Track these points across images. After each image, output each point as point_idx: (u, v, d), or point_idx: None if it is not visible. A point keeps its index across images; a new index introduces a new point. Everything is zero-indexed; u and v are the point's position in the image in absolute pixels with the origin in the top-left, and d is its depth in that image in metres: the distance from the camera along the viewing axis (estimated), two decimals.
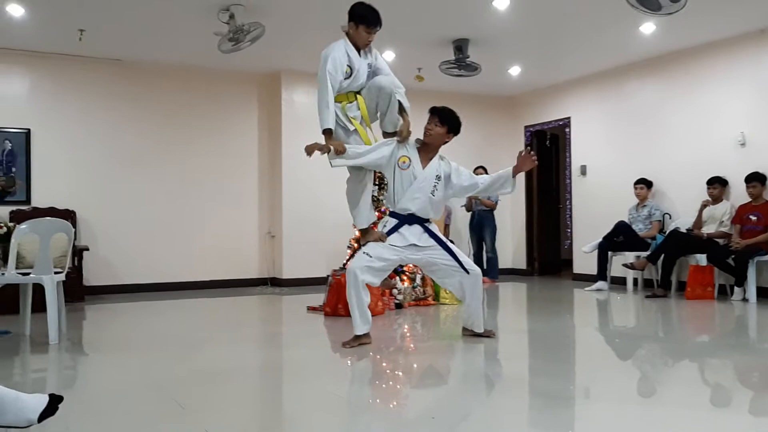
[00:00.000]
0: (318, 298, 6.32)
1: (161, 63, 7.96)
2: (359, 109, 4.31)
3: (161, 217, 7.99)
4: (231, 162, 8.42)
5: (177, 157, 8.11)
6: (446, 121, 4.39)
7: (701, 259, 6.90)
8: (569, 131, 9.28)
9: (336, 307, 5.69)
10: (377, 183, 6.24)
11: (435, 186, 4.26)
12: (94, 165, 7.69)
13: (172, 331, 5.23)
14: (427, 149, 4.36)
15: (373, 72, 4.35)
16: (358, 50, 4.28)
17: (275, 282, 8.40)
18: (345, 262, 6.56)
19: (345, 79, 4.17)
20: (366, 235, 4.35)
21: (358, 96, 4.31)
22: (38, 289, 4.59)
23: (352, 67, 4.20)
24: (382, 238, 4.19)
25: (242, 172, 8.51)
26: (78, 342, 4.81)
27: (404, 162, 4.25)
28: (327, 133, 4.16)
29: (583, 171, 9.02)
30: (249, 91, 8.60)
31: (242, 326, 5.58)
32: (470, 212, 9.03)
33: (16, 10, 6.00)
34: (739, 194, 6.92)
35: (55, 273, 4.57)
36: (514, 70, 8.55)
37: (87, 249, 7.16)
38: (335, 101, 4.14)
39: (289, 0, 5.86)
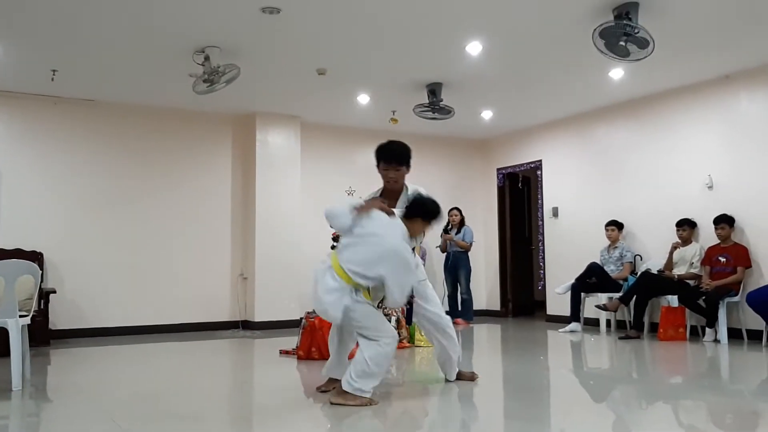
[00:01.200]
0: (291, 341, 6.23)
1: (134, 103, 7.93)
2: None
3: (131, 259, 7.86)
4: (203, 203, 8.35)
5: (148, 198, 8.02)
6: (405, 160, 4.28)
7: (673, 300, 6.96)
8: (541, 174, 9.41)
9: (309, 350, 5.60)
10: None
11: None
12: (63, 206, 7.57)
13: (140, 376, 5.09)
14: (392, 196, 4.18)
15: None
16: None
17: (247, 325, 8.27)
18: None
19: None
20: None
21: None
22: (2, 333, 4.45)
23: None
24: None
25: (215, 213, 8.44)
26: (42, 388, 4.65)
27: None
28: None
29: (555, 213, 9.12)
30: (223, 132, 8.59)
31: (213, 370, 5.46)
32: (445, 253, 9.04)
33: None
34: (707, 236, 7.03)
35: (20, 316, 4.45)
36: (487, 114, 8.69)
37: (54, 291, 6.99)
38: None
39: (264, 43, 5.91)
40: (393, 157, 4.18)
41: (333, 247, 5.01)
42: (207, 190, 8.39)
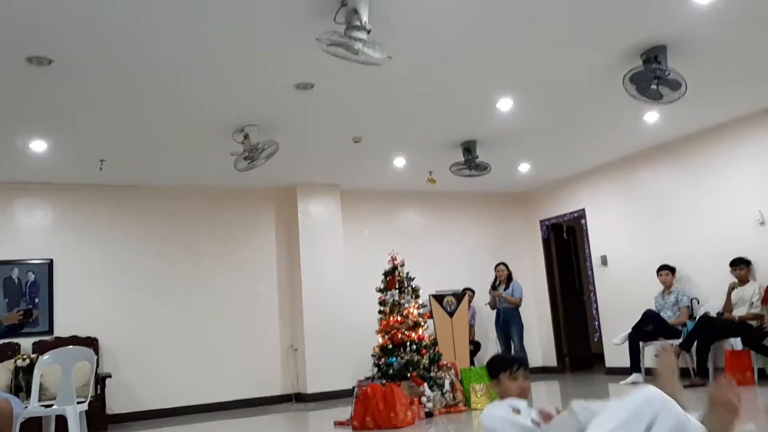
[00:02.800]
0: (345, 411, 6.14)
1: (178, 185, 8.17)
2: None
3: (183, 338, 7.94)
4: (250, 277, 8.45)
5: (196, 276, 8.15)
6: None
7: (736, 343, 6.68)
8: (585, 222, 9.27)
9: (364, 419, 5.51)
10: None
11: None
12: (115, 291, 7.74)
13: None
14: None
15: None
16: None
17: (300, 398, 8.20)
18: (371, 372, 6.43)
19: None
20: None
21: None
22: (61, 420, 4.50)
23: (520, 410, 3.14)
24: None
25: (261, 286, 8.52)
26: None
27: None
28: None
29: (604, 261, 8.93)
30: (266, 206, 8.76)
31: None
32: (495, 310, 8.89)
33: (39, 146, 6.25)
34: (765, 273, 6.78)
35: (78, 402, 4.50)
36: (524, 167, 8.68)
37: (110, 376, 7.07)
38: None
39: (300, 117, 6.07)
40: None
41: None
42: (253, 264, 8.50)
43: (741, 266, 6.92)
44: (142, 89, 5.16)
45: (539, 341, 9.87)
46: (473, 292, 9.12)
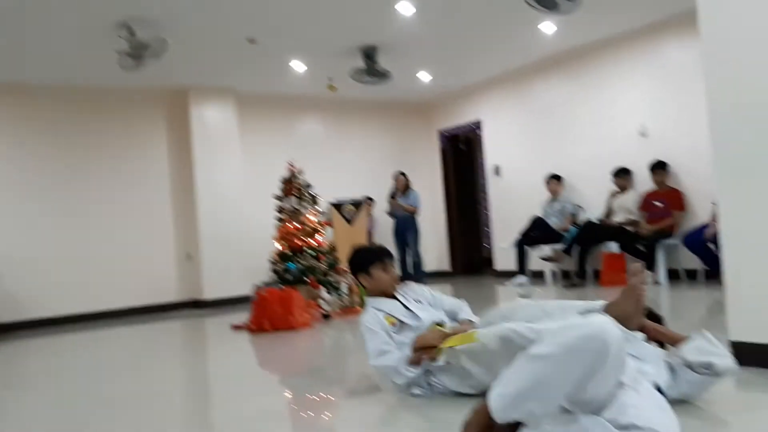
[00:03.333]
0: (243, 316, 6.19)
1: (59, 84, 7.62)
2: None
3: (71, 247, 7.62)
4: (142, 184, 8.14)
5: (81, 182, 7.76)
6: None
7: (613, 247, 7.17)
8: (481, 133, 9.48)
9: (261, 322, 5.58)
10: None
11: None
12: None
13: (86, 363, 4.97)
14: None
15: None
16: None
17: (197, 304, 8.17)
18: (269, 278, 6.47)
19: (395, 333, 2.99)
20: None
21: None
22: None
23: (395, 316, 3.03)
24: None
25: (154, 193, 8.23)
26: None
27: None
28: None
29: (497, 171, 9.23)
30: (157, 109, 8.34)
31: (164, 351, 5.38)
32: (393, 218, 9.07)
33: None
34: (643, 182, 7.24)
35: None
36: (424, 76, 8.68)
37: None
38: None
39: (191, 13, 5.73)
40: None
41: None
42: (144, 170, 8.17)
43: (622, 176, 7.34)
44: None
45: (434, 247, 10.21)
46: (372, 200, 9.23)
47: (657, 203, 6.99)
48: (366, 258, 3.14)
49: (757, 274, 2.90)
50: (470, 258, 10.24)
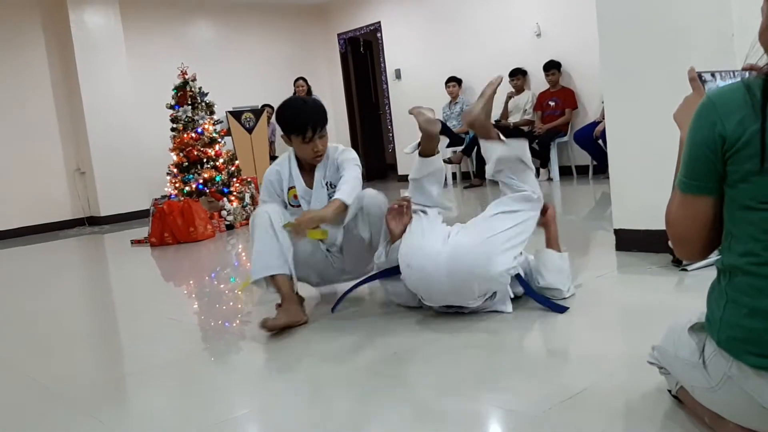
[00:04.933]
0: (142, 231, 6.03)
1: None
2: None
3: None
4: (21, 99, 7.55)
5: None
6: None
7: None
8: (381, 36, 9.34)
9: (162, 235, 5.46)
10: None
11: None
12: None
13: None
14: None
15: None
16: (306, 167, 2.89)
17: (93, 221, 7.86)
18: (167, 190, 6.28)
19: (292, 206, 2.82)
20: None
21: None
22: None
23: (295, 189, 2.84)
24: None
25: (36, 106, 7.68)
26: None
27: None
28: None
29: (398, 75, 9.19)
30: (31, 17, 7.66)
31: (61, 270, 5.20)
32: None
33: None
34: (538, 83, 7.42)
35: None
36: None
37: None
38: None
39: None
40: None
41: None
42: (22, 82, 7.57)
43: (518, 76, 7.49)
44: None
45: None
46: (272, 108, 9.01)
47: (551, 102, 7.21)
48: (289, 123, 2.75)
49: (638, 168, 3.08)
50: (374, 164, 10.30)
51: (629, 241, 3.14)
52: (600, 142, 6.36)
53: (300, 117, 2.75)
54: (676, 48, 2.86)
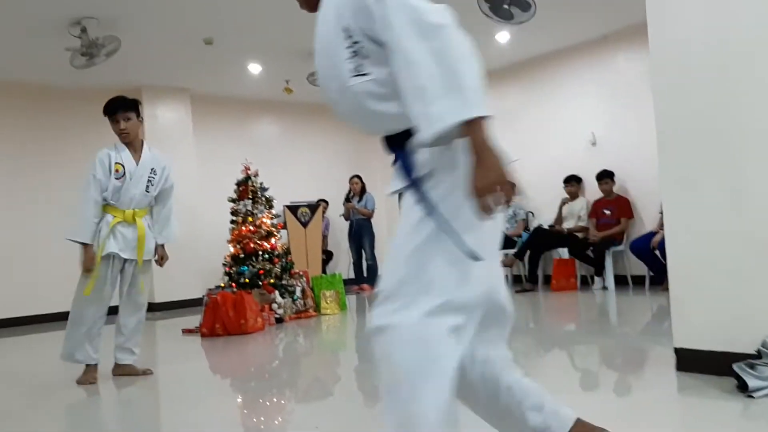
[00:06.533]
0: (194, 320, 6.11)
1: (9, 81, 7.39)
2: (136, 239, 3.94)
3: (18, 245, 7.39)
4: None
5: (33, 180, 7.54)
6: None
7: (563, 252, 7.34)
8: None
9: (213, 326, 5.52)
10: None
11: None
12: None
13: (26, 369, 4.84)
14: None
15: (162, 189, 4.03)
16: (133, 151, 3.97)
17: (147, 307, 7.98)
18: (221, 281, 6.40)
19: (116, 179, 3.84)
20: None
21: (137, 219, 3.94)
22: None
23: (123, 165, 3.86)
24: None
25: None
26: None
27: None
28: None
29: None
30: None
31: (111, 355, 5.25)
32: (348, 221, 9.08)
33: None
34: (593, 190, 7.42)
35: None
36: None
37: None
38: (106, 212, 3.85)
39: (146, 12, 5.64)
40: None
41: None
42: None
43: (572, 183, 7.52)
44: None
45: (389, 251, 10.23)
46: (327, 203, 9.22)
47: (606, 211, 7.17)
48: (106, 108, 3.87)
49: (701, 283, 2.99)
50: None
51: (690, 361, 3.02)
52: (657, 253, 6.26)
53: (112, 102, 3.90)
54: (743, 150, 2.79)
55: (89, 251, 3.82)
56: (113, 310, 4.11)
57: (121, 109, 3.84)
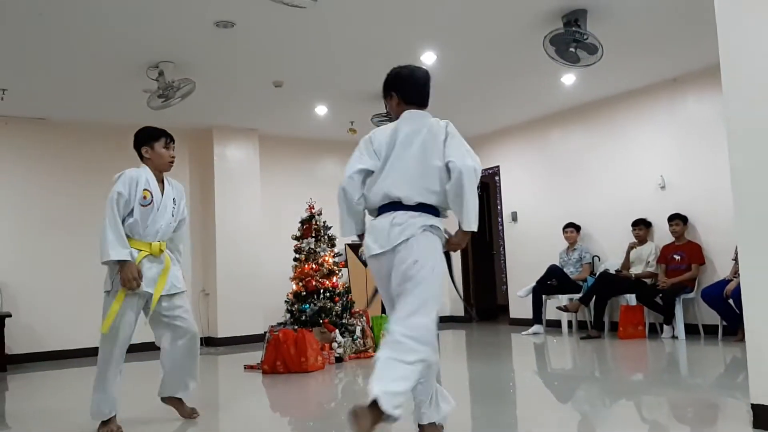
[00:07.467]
0: (255, 356, 6.17)
1: (88, 121, 7.79)
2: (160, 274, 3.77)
3: (87, 279, 7.65)
4: None
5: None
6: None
7: (631, 299, 7.11)
8: (499, 179, 9.52)
9: (274, 363, 5.56)
10: None
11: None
12: (16, 227, 7.39)
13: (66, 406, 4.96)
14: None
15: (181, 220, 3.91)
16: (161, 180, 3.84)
17: (210, 342, 8.16)
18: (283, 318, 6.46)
19: (142, 206, 3.66)
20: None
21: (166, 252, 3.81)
22: None
23: (151, 193, 3.70)
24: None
25: None
26: (0, 415, 4.52)
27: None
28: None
29: (514, 217, 9.23)
30: (180, 148, 8.40)
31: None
32: None
33: None
34: (662, 235, 7.21)
35: None
36: (443, 123, 8.75)
37: (9, 315, 6.80)
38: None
39: (219, 56, 5.88)
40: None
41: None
42: None
43: (641, 227, 7.32)
44: (48, 15, 4.84)
45: (448, 292, 10.13)
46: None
47: (676, 256, 6.94)
48: (153, 132, 3.79)
49: None
50: (485, 305, 10.18)
51: None
52: (731, 302, 6.00)
53: (158, 129, 3.86)
54: None
55: (131, 267, 3.53)
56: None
57: (171, 138, 3.86)
